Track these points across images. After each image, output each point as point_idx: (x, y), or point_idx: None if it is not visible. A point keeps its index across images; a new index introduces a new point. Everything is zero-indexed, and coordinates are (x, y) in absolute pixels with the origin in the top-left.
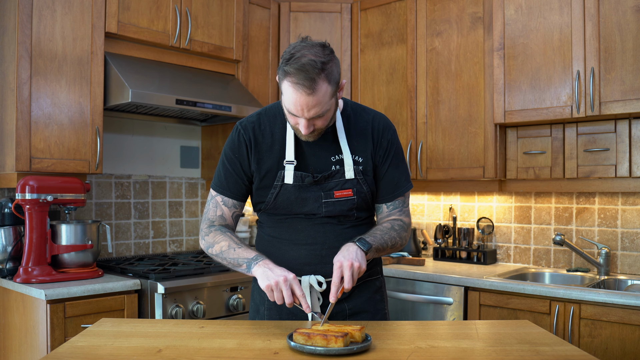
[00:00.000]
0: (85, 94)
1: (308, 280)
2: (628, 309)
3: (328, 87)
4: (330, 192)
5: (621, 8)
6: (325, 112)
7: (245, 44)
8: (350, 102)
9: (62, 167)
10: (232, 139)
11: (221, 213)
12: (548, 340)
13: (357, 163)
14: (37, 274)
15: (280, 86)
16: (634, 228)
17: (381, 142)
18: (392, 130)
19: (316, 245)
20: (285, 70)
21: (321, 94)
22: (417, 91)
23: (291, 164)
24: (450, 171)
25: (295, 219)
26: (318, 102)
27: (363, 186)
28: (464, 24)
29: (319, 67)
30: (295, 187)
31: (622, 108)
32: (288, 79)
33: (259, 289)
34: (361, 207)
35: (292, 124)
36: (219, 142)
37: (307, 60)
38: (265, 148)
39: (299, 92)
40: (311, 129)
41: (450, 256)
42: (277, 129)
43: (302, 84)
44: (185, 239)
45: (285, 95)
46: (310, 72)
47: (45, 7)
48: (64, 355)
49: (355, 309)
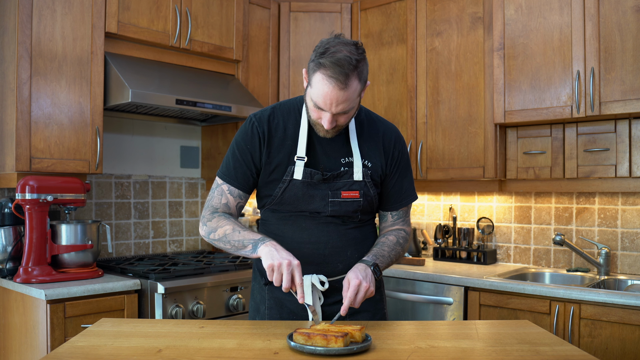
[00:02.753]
0: (85, 94)
1: (310, 279)
2: (628, 309)
3: (358, 84)
4: (337, 192)
5: (621, 8)
6: (351, 110)
7: (245, 44)
8: (365, 109)
9: (62, 167)
10: (245, 130)
11: (226, 201)
12: (548, 340)
13: (366, 167)
14: (37, 274)
15: (310, 78)
16: (634, 228)
17: (393, 153)
18: (403, 142)
19: (319, 244)
20: (320, 62)
21: (352, 90)
22: (417, 91)
23: (302, 160)
24: (450, 171)
25: (300, 217)
26: (347, 98)
27: (370, 189)
28: (464, 24)
29: (354, 64)
30: (304, 184)
31: (622, 108)
32: (322, 71)
33: (259, 288)
34: (366, 210)
35: (314, 118)
36: (219, 142)
37: (343, 56)
38: (277, 142)
39: (332, 85)
40: (333, 124)
41: (450, 256)
42: (291, 125)
43: (337, 78)
44: (185, 239)
45: (315, 87)
46: (345, 68)
47: (45, 7)
48: (64, 355)
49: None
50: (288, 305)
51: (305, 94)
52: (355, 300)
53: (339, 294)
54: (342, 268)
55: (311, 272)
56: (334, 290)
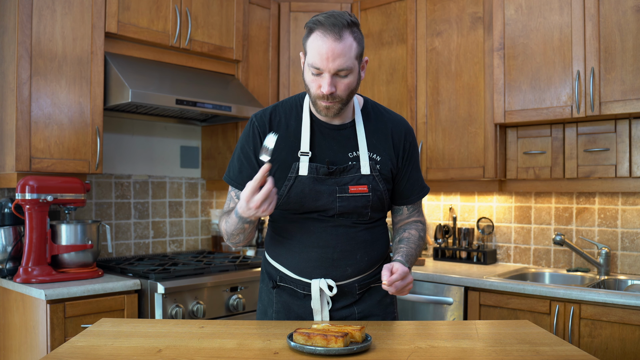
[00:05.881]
0: (85, 94)
1: (318, 284)
2: (628, 309)
3: (353, 43)
4: (345, 187)
5: (621, 8)
6: (349, 70)
7: (245, 44)
8: (371, 101)
9: (62, 167)
10: (246, 132)
11: (234, 206)
12: (548, 340)
13: (374, 160)
14: (37, 274)
15: (305, 47)
16: (634, 228)
17: (404, 145)
18: (413, 133)
19: (328, 248)
20: (313, 20)
21: (347, 44)
22: (417, 91)
23: (306, 155)
24: (450, 171)
25: (308, 220)
26: (343, 51)
27: (379, 184)
28: (464, 24)
29: (348, 20)
30: (310, 179)
31: (622, 108)
32: (317, 28)
33: (267, 291)
34: (376, 207)
35: (314, 90)
36: (219, 142)
37: (337, 13)
38: (280, 139)
39: (326, 37)
40: (333, 89)
41: (450, 256)
42: (293, 121)
43: (331, 30)
44: (185, 239)
45: (310, 48)
46: (339, 20)
47: (45, 7)
48: (64, 355)
49: (365, 313)
50: (295, 310)
51: (304, 72)
52: (397, 284)
53: (347, 298)
54: (351, 272)
55: (319, 276)
56: (343, 295)
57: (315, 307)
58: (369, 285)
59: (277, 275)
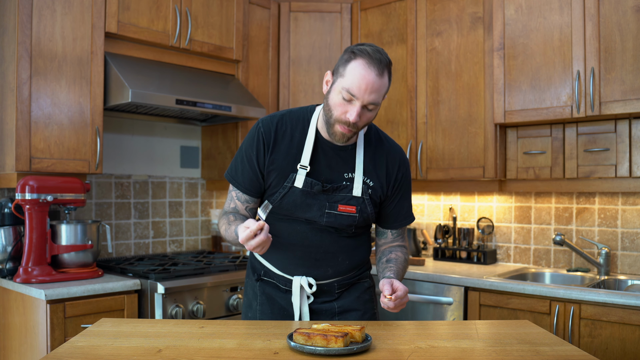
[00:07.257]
0: (85, 94)
1: (299, 281)
2: (628, 309)
3: (387, 82)
4: (334, 205)
5: (621, 8)
6: (377, 105)
7: (245, 44)
8: (374, 127)
9: (62, 167)
10: (251, 135)
11: (234, 206)
12: (548, 340)
13: (366, 185)
14: (37, 274)
15: (341, 70)
16: (634, 228)
17: (396, 176)
18: (407, 164)
19: (312, 247)
20: (360, 49)
21: (384, 82)
22: (417, 91)
23: (304, 169)
24: (450, 171)
25: (296, 221)
26: (380, 88)
27: (368, 207)
28: (464, 24)
29: (389, 60)
30: (303, 192)
31: (622, 108)
32: (361, 57)
33: (252, 284)
34: (361, 226)
35: (338, 114)
36: (219, 142)
37: (381, 49)
38: (282, 149)
39: (370, 69)
40: (358, 118)
41: (450, 256)
42: (298, 133)
43: (377, 64)
44: (185, 239)
45: (350, 74)
46: (384, 57)
47: (45, 7)
48: (64, 355)
49: (344, 307)
50: (279, 301)
51: (331, 92)
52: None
53: (327, 296)
54: (331, 273)
55: (301, 274)
56: (322, 293)
57: (295, 302)
58: (347, 286)
59: (262, 269)
